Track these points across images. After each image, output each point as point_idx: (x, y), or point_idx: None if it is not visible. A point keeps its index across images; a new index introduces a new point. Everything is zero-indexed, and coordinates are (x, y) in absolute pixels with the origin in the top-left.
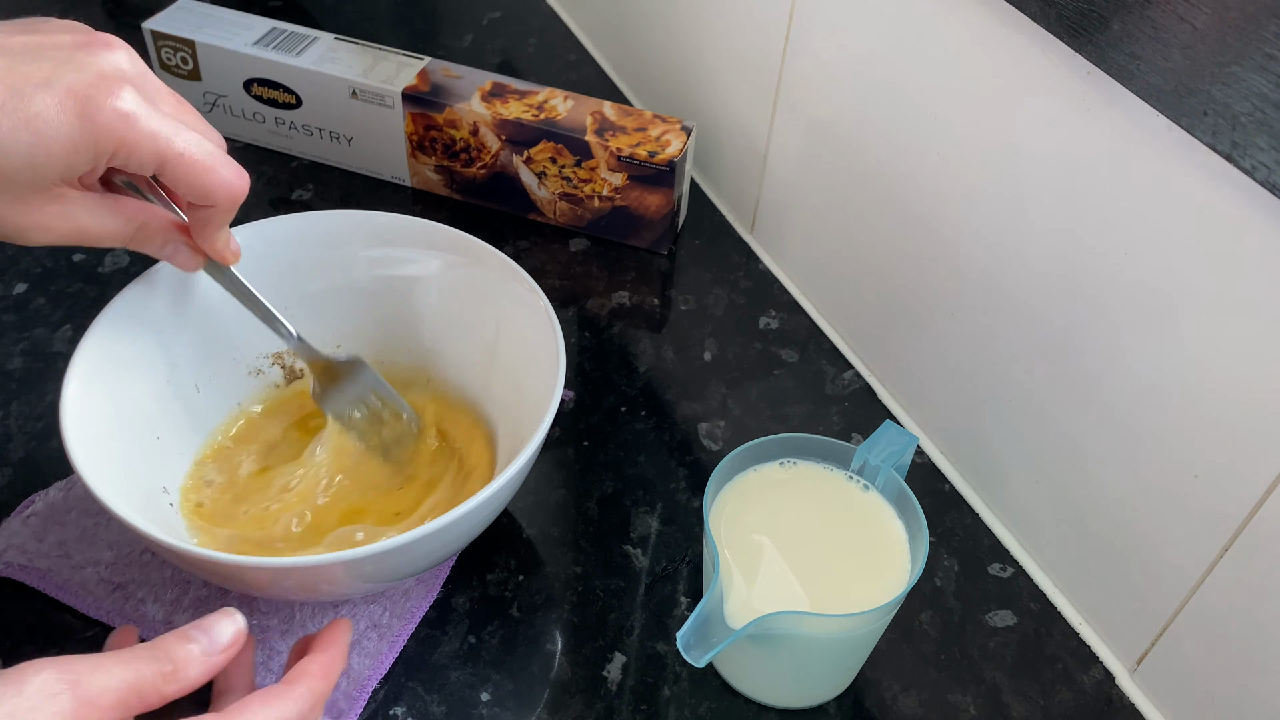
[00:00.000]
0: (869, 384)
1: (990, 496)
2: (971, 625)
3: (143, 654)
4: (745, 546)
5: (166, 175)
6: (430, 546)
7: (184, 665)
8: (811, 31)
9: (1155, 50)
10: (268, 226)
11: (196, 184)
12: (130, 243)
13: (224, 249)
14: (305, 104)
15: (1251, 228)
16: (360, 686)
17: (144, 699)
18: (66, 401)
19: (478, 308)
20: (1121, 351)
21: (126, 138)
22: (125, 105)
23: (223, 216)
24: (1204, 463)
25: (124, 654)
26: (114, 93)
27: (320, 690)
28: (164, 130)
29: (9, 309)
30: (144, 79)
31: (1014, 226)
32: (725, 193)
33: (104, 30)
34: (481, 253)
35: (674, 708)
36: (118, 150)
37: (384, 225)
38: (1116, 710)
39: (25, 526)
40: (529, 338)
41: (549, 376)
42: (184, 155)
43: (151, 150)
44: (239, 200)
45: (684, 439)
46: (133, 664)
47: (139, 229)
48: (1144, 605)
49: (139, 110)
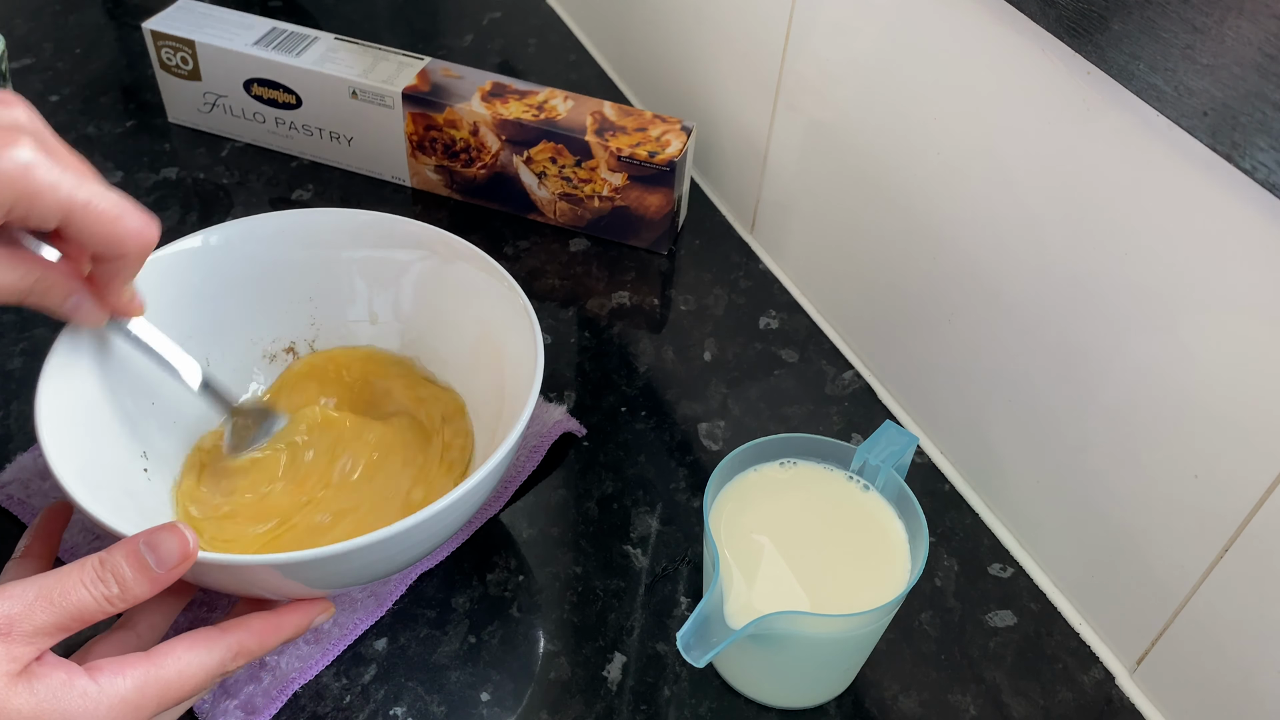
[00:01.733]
0: (869, 384)
1: (990, 496)
2: (971, 625)
3: (86, 579)
4: (745, 546)
5: (73, 226)
6: (380, 554)
7: (130, 586)
8: (811, 31)
9: (1155, 50)
10: (252, 224)
11: (104, 233)
12: (28, 297)
13: (129, 303)
14: (305, 104)
15: (1251, 228)
16: (281, 687)
17: (86, 621)
18: (44, 435)
19: (459, 305)
20: (1122, 351)
21: (26, 188)
22: (22, 156)
23: (132, 268)
24: (1204, 463)
25: (63, 583)
26: (11, 143)
27: (250, 645)
28: (65, 181)
29: (9, 309)
30: (42, 134)
31: (1014, 226)
32: (725, 193)
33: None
34: (462, 249)
35: (674, 708)
36: (17, 201)
37: (367, 223)
38: (1116, 710)
39: (35, 464)
40: (510, 335)
41: (527, 377)
42: (89, 204)
43: (54, 200)
44: (149, 249)
45: (684, 439)
46: (71, 595)
47: (36, 281)
48: (1144, 605)
49: (37, 160)
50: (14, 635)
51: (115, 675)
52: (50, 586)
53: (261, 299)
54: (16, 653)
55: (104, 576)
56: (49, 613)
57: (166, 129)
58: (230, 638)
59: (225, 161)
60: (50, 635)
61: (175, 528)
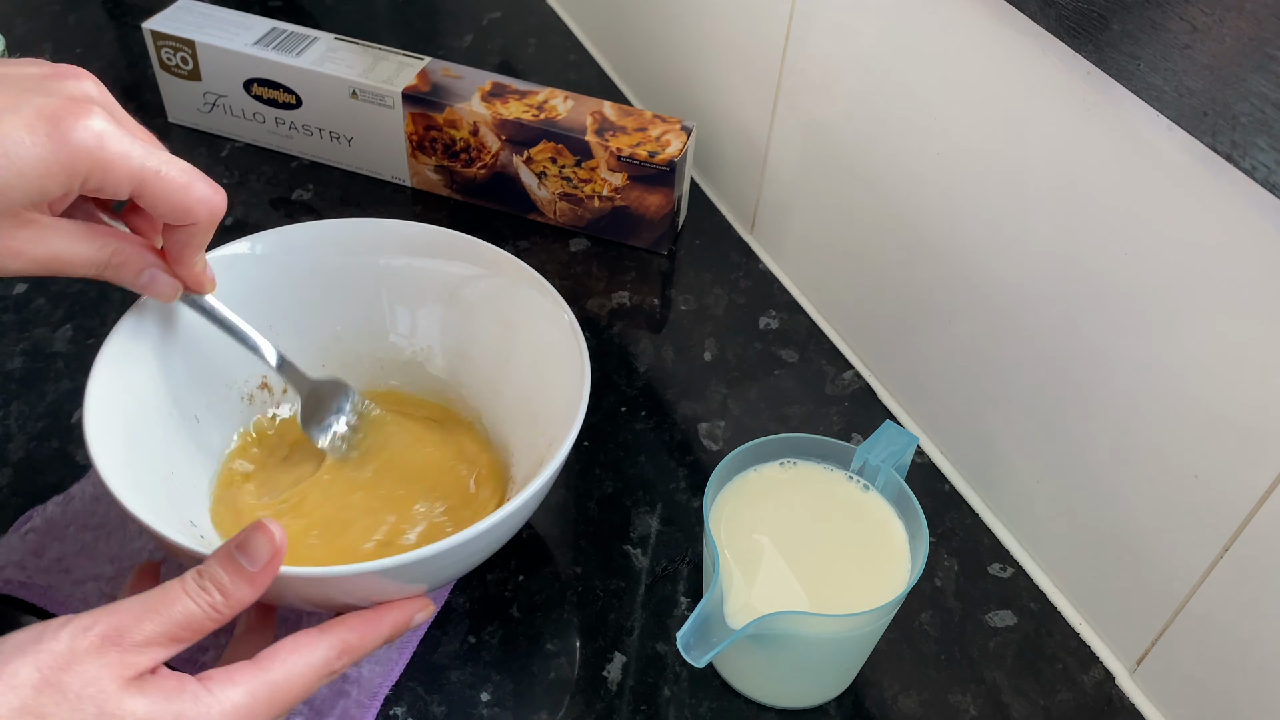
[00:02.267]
0: (869, 384)
1: (990, 496)
2: (971, 625)
3: (189, 589)
4: (745, 546)
5: (144, 195)
6: (464, 554)
7: (231, 591)
8: (811, 31)
9: (1155, 50)
10: (288, 234)
11: (176, 201)
12: (105, 270)
13: (200, 275)
14: (305, 104)
15: (1251, 228)
16: (372, 694)
17: (196, 631)
18: (92, 441)
19: (498, 319)
20: (1122, 352)
21: (100, 157)
22: (96, 125)
23: (202, 236)
24: (1204, 463)
25: (167, 595)
26: (84, 114)
27: (353, 642)
28: (136, 150)
29: (9, 309)
30: (112, 106)
31: (1014, 226)
32: (725, 193)
33: (104, 30)
34: (505, 264)
35: (674, 708)
36: (92, 171)
37: (411, 235)
38: (1116, 710)
39: (24, 543)
40: (551, 351)
41: (572, 394)
42: (160, 172)
43: (126, 170)
44: (218, 216)
45: (684, 439)
46: (175, 605)
47: (114, 254)
48: (1144, 605)
49: (110, 130)
50: (125, 644)
51: (226, 683)
52: (156, 599)
53: (296, 310)
54: (130, 660)
55: (204, 585)
56: (157, 623)
57: (166, 129)
58: (333, 636)
59: (225, 161)
60: (162, 646)
61: (262, 525)
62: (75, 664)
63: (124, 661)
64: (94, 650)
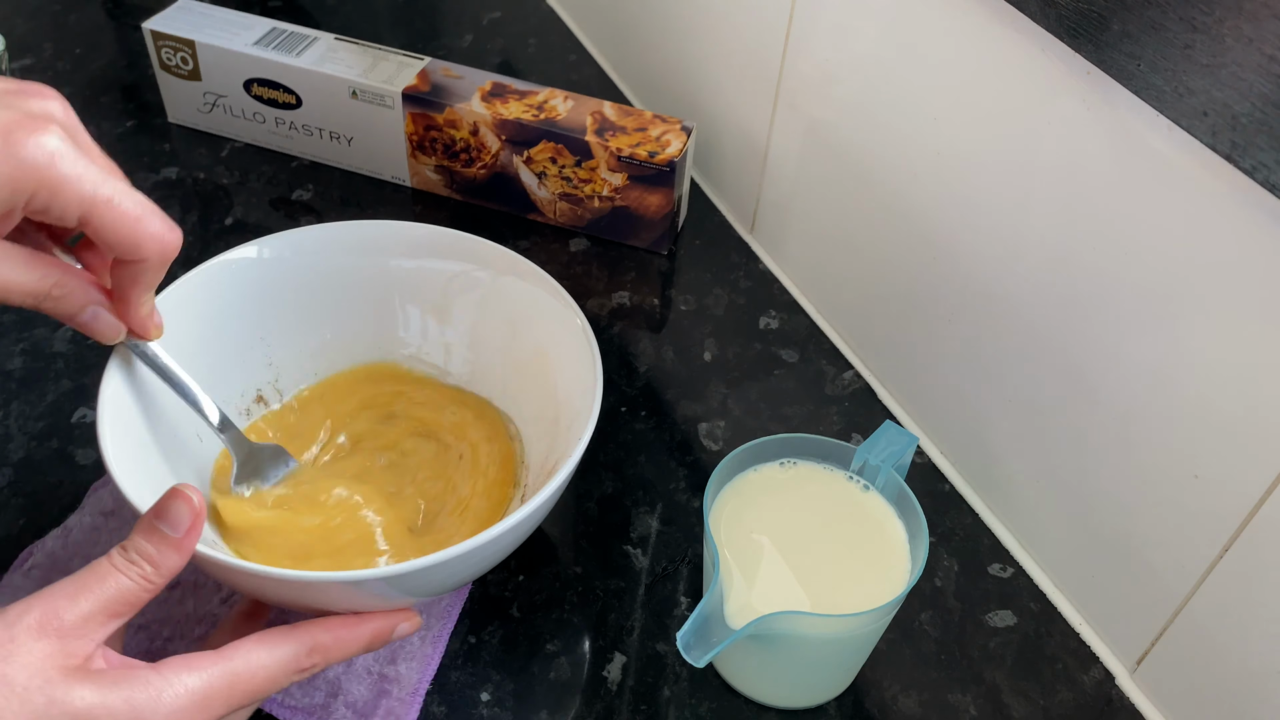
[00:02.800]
0: (869, 384)
1: (990, 496)
2: (971, 625)
3: (117, 563)
4: (745, 546)
5: (93, 223)
6: (471, 562)
7: (159, 560)
8: (811, 32)
9: (1155, 50)
10: (297, 237)
11: (125, 234)
12: (44, 301)
13: (147, 320)
14: (305, 104)
15: (1251, 228)
16: (413, 691)
17: (131, 604)
18: (107, 451)
19: (510, 321)
20: (1121, 352)
21: (48, 176)
22: (49, 144)
23: (151, 276)
24: (1204, 463)
25: (97, 572)
26: (39, 130)
27: (325, 642)
28: (90, 175)
29: (9, 309)
30: (75, 128)
31: (1014, 226)
32: (725, 193)
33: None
34: (518, 265)
35: (674, 708)
36: (39, 190)
37: (420, 236)
38: (1116, 710)
39: (27, 579)
40: (564, 356)
41: (585, 398)
42: (111, 201)
43: (75, 193)
44: (170, 256)
45: (684, 439)
46: (108, 579)
47: (54, 285)
48: (1144, 605)
49: (64, 150)
50: (63, 628)
51: (182, 669)
52: (86, 578)
53: (307, 311)
54: (71, 647)
55: (131, 558)
56: (91, 600)
57: (166, 129)
58: (304, 634)
59: (225, 161)
60: (99, 624)
61: (176, 491)
62: (15, 655)
63: (65, 649)
64: (31, 637)
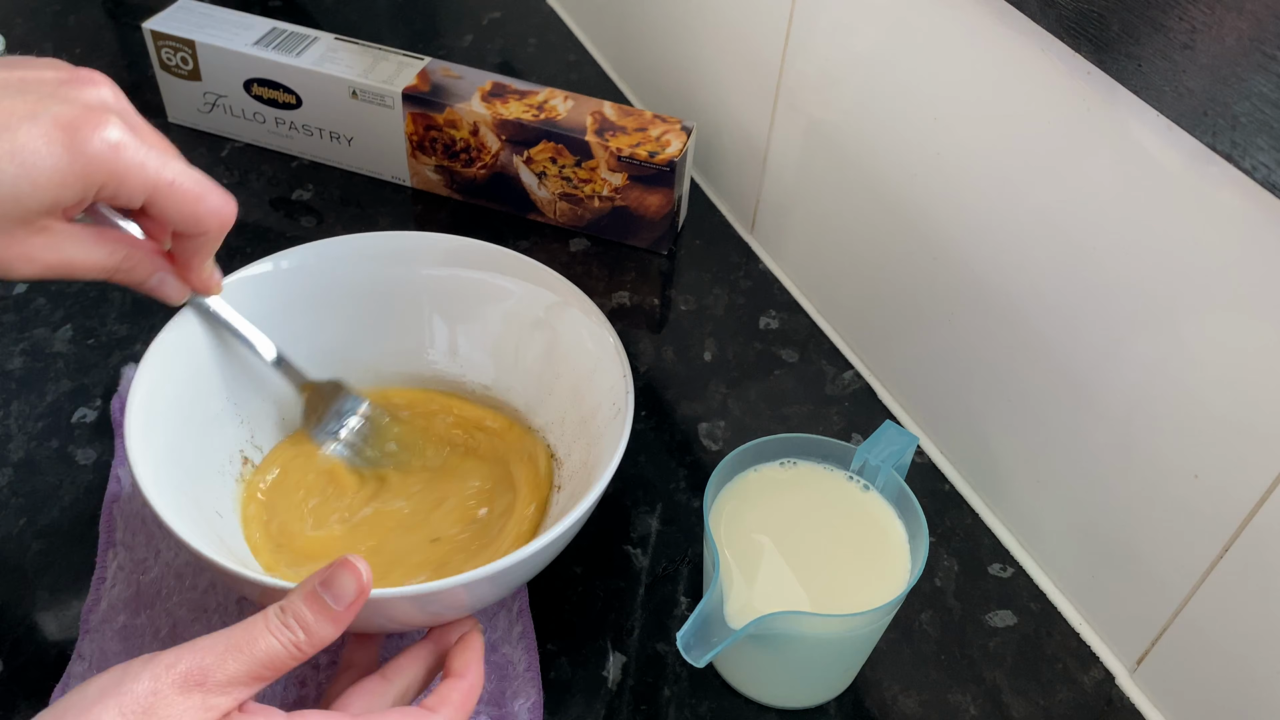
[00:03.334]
0: (869, 384)
1: (990, 496)
2: (971, 625)
3: (273, 626)
4: (745, 546)
5: (156, 205)
6: (518, 573)
7: (315, 630)
8: (811, 31)
9: (1155, 50)
10: (324, 247)
11: (187, 211)
12: (116, 274)
13: (209, 280)
14: (305, 104)
15: (1251, 228)
16: (528, 667)
17: (278, 669)
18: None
19: (539, 335)
20: (1121, 351)
21: (115, 168)
22: (112, 136)
23: (211, 245)
24: (1204, 463)
25: (251, 633)
26: (101, 124)
27: (460, 718)
28: (151, 160)
29: (9, 309)
30: (129, 113)
31: (1014, 226)
32: (725, 193)
33: (104, 30)
34: (548, 279)
35: (674, 708)
36: (107, 181)
37: (454, 248)
38: (1116, 710)
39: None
40: (594, 371)
41: (615, 416)
42: (174, 183)
43: (140, 179)
44: (228, 226)
45: (684, 439)
46: (259, 643)
47: (124, 259)
48: (1144, 605)
49: (126, 140)
50: (209, 685)
51: None
52: (239, 637)
53: (331, 323)
54: (213, 702)
55: (288, 623)
56: (240, 662)
57: (166, 129)
58: (439, 716)
59: (225, 161)
60: (245, 685)
61: (348, 563)
62: (159, 707)
63: (207, 703)
64: (177, 691)
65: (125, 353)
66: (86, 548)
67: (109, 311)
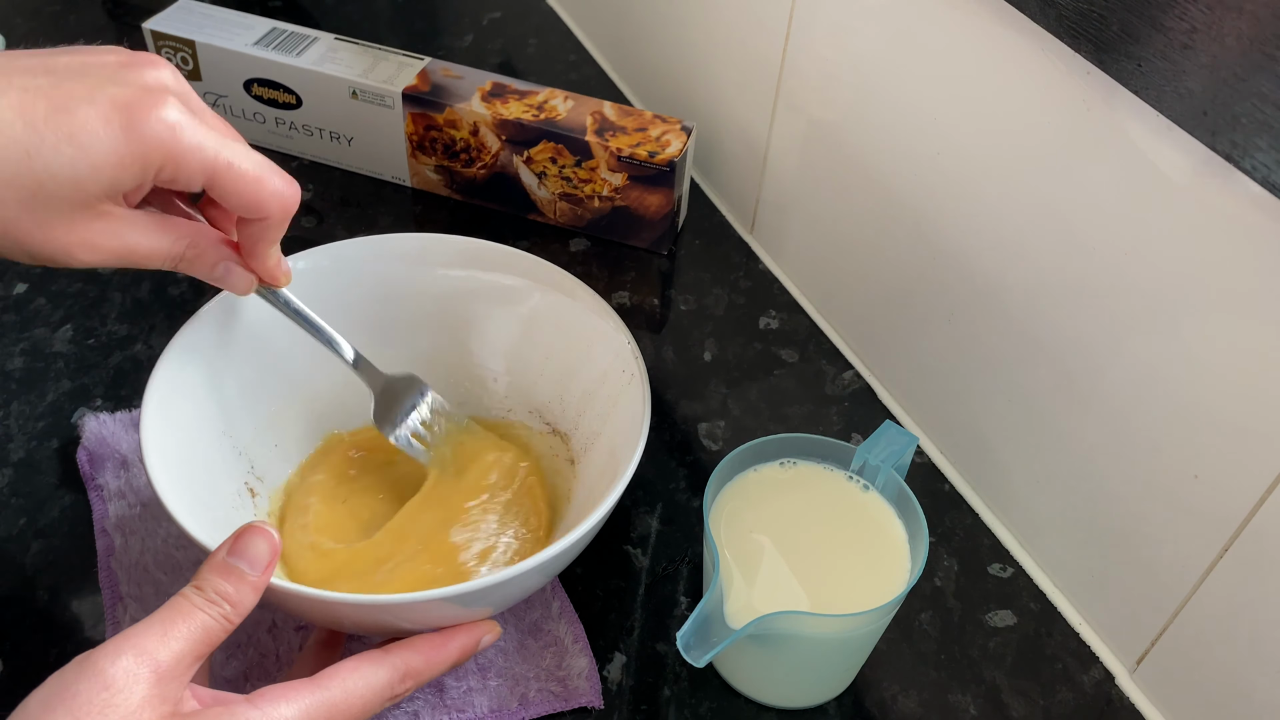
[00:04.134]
0: (869, 384)
1: (990, 496)
2: (971, 625)
3: (197, 602)
4: (745, 546)
5: (216, 188)
6: (526, 581)
7: (237, 600)
8: (811, 31)
9: (1155, 50)
10: (340, 249)
11: (249, 195)
12: (180, 263)
13: (275, 269)
14: (305, 104)
15: (1251, 228)
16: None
17: (213, 643)
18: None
19: (557, 341)
20: (1121, 351)
21: (173, 149)
22: (170, 117)
23: (275, 231)
24: (1204, 463)
25: (179, 610)
26: (159, 105)
27: (416, 666)
28: (210, 142)
29: (9, 309)
30: (188, 95)
31: (1013, 226)
32: (725, 193)
33: (104, 30)
34: (565, 283)
35: (674, 708)
36: (165, 163)
37: (470, 250)
38: (1116, 710)
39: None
40: (610, 377)
41: (631, 428)
42: (233, 165)
43: (199, 161)
44: (291, 211)
45: (684, 439)
46: (192, 618)
47: (188, 247)
48: (1144, 605)
49: (184, 121)
50: (160, 670)
51: (279, 700)
52: (170, 617)
53: (345, 325)
54: (166, 691)
55: (210, 598)
56: (180, 640)
57: None
58: (396, 658)
59: None
60: (189, 664)
61: (254, 528)
62: (114, 703)
63: (161, 693)
64: (129, 682)
65: (125, 353)
66: (86, 548)
67: (109, 311)
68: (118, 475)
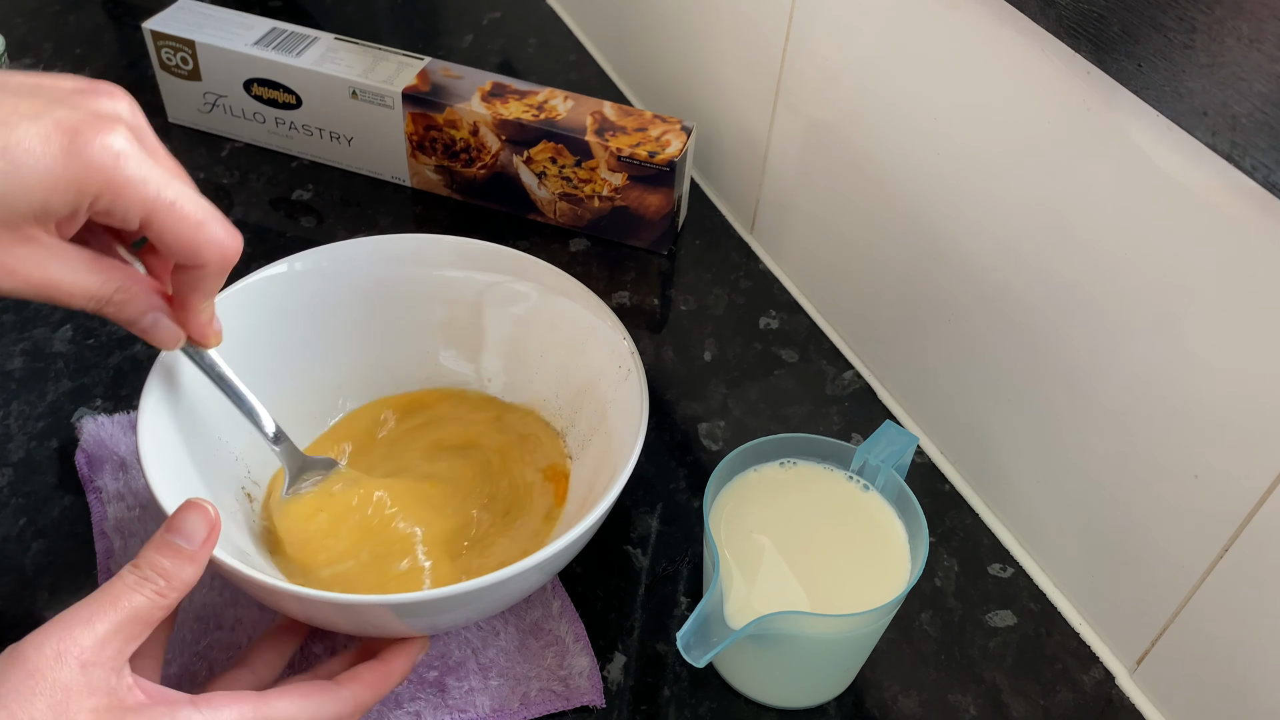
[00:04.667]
0: (869, 384)
1: (990, 496)
2: (971, 625)
3: (129, 582)
4: (745, 546)
5: (154, 227)
6: (496, 595)
7: (173, 574)
8: (811, 32)
9: (1155, 50)
10: (338, 250)
11: (186, 238)
12: (105, 306)
13: (206, 327)
14: (305, 104)
15: (1251, 228)
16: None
17: (147, 624)
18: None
19: (552, 338)
20: (1121, 351)
21: (114, 178)
22: (116, 145)
23: (211, 282)
24: (1204, 463)
25: (109, 594)
26: (105, 131)
27: (365, 700)
28: (155, 177)
29: (9, 309)
30: (142, 130)
31: (1014, 226)
32: (725, 193)
33: (104, 30)
34: (566, 285)
35: (674, 708)
36: (103, 191)
37: (468, 251)
38: (1116, 710)
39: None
40: (606, 373)
41: (629, 427)
42: (175, 205)
43: (139, 195)
44: (230, 263)
45: (684, 439)
46: (120, 601)
47: (117, 290)
48: (1144, 605)
49: (130, 151)
50: (84, 656)
51: (223, 705)
52: (99, 601)
53: (344, 326)
54: (95, 678)
55: (145, 575)
56: (106, 623)
57: (166, 129)
58: (345, 691)
59: (225, 161)
60: (117, 648)
61: (191, 504)
62: (39, 691)
63: (89, 681)
64: (53, 668)
65: (125, 353)
66: (86, 548)
67: None
68: (116, 477)
